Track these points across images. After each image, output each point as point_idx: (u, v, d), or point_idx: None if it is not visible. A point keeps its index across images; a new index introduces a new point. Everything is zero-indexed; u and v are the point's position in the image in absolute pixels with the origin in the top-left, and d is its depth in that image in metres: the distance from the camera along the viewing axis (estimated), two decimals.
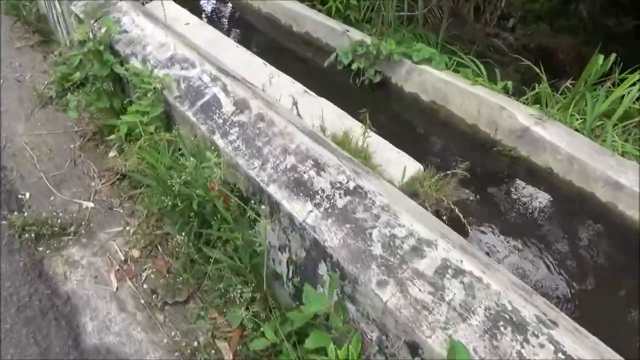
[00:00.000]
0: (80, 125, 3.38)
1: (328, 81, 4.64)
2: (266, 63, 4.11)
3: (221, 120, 2.28)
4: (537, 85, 4.09)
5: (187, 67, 2.60)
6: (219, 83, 2.45)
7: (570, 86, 4.17)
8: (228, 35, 4.61)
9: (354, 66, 4.49)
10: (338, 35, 4.93)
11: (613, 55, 3.88)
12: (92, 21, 3.02)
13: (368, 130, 2.90)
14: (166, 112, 2.60)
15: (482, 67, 4.33)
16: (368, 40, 4.57)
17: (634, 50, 4.86)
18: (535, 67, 4.28)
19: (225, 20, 6.00)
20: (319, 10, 5.60)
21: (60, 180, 3.02)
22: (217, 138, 2.22)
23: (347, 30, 4.83)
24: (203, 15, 6.05)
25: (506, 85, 4.14)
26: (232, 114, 2.30)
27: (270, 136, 2.12)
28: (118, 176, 3.01)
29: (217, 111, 2.34)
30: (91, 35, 2.91)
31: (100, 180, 2.99)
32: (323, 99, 3.68)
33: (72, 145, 3.29)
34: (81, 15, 3.30)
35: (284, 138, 2.09)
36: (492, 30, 6.07)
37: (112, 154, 3.21)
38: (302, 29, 5.33)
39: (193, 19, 4.88)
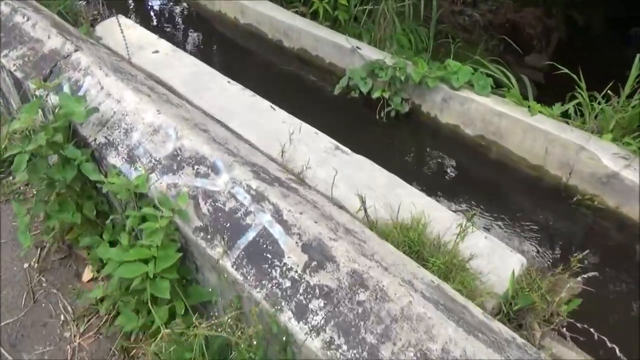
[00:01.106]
0: (36, 229, 2.37)
1: (343, 115, 3.74)
2: (274, 106, 3.17)
3: (287, 282, 1.38)
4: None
5: (207, 174, 1.66)
6: (266, 205, 1.53)
7: (611, 93, 3.38)
8: (210, 64, 3.61)
9: (376, 95, 3.61)
10: (345, 53, 4.02)
11: None
12: (39, 90, 2.00)
13: (467, 222, 2.06)
14: (181, 247, 1.66)
15: (512, 78, 3.54)
16: (387, 59, 3.69)
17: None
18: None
19: (197, 38, 4.92)
20: (303, 14, 4.64)
21: (17, 334, 2.01)
22: (288, 318, 1.33)
23: (358, 48, 3.93)
24: (168, 31, 4.95)
25: (567, 111, 3.39)
26: (303, 269, 1.40)
27: (387, 322, 1.25)
28: (102, 317, 2.03)
29: (276, 262, 1.43)
30: (41, 117, 1.91)
31: (77, 327, 2.01)
32: (363, 159, 2.80)
33: (26, 265, 2.27)
34: (18, 74, 2.26)
35: (414, 328, 1.22)
36: (457, 7, 5.38)
37: (87, 274, 2.23)
38: (296, 44, 4.37)
39: (162, 44, 3.82)
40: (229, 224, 1.55)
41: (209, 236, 1.55)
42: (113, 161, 1.84)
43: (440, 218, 2.40)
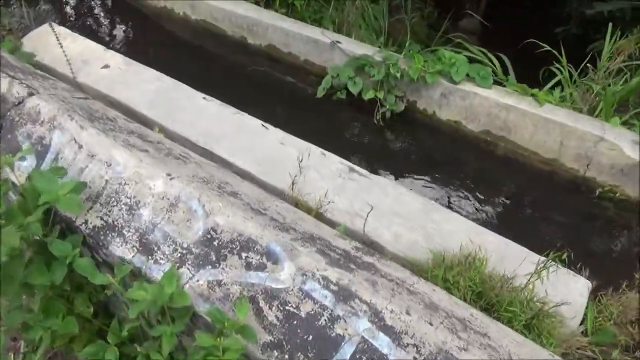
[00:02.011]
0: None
1: (332, 122, 3.36)
2: (266, 124, 2.73)
3: None
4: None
5: (263, 264, 1.25)
6: (358, 305, 1.14)
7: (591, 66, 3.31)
8: (169, 73, 3.07)
9: (368, 96, 3.24)
10: (323, 49, 3.60)
11: None
12: None
13: (548, 261, 1.78)
14: None
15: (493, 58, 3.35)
16: (375, 54, 3.33)
17: None
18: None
19: (144, 43, 4.26)
20: (256, 3, 4.14)
21: None
22: None
23: (338, 42, 3.52)
24: (106, 36, 4.26)
25: (572, 95, 3.21)
26: None
27: None
28: None
29: None
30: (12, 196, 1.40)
31: None
32: (384, 180, 2.46)
33: None
34: None
35: None
36: None
37: None
38: (263, 40, 3.88)
39: (112, 56, 3.22)
40: (311, 337, 1.16)
41: (286, 356, 1.15)
42: (120, 252, 1.37)
43: (492, 246, 2.12)
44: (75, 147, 1.55)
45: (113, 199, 1.44)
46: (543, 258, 2.00)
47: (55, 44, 3.07)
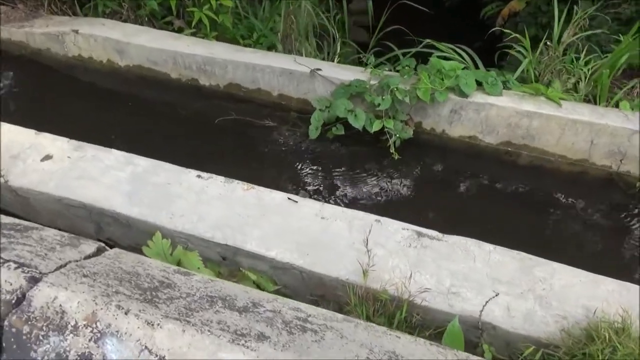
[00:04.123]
0: None
1: (343, 166, 2.87)
2: (292, 196, 2.19)
3: None
4: None
5: None
6: None
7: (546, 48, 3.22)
8: (127, 144, 2.40)
9: (375, 128, 2.81)
10: (300, 79, 3.10)
11: None
12: None
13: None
14: None
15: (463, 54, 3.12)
16: (365, 78, 2.91)
17: None
18: None
19: (67, 106, 3.36)
20: (181, 29, 3.57)
21: None
22: None
23: (318, 69, 3.03)
24: (8, 102, 3.33)
25: (577, 85, 3.04)
26: None
27: None
28: None
29: None
30: None
31: None
32: (463, 240, 2.05)
33: None
34: None
35: None
36: None
37: None
38: (222, 80, 3.27)
39: (51, 141, 2.45)
40: None
41: None
42: None
43: (616, 296, 1.82)
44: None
45: None
46: None
47: None
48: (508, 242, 2.02)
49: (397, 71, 2.99)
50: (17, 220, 1.39)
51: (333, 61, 3.72)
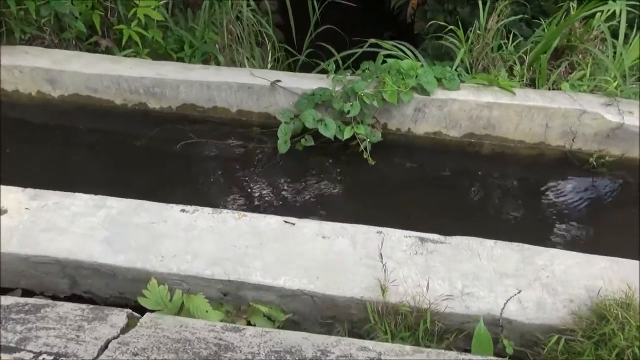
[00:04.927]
0: None
1: (322, 178, 2.81)
2: (288, 219, 2.11)
3: None
4: None
5: None
6: None
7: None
8: (74, 184, 2.20)
9: (347, 135, 2.79)
10: (260, 93, 3.01)
11: None
12: None
13: None
14: None
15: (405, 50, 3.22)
16: (329, 85, 2.88)
17: None
18: None
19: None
20: (108, 48, 3.36)
21: None
22: None
23: (277, 81, 2.95)
24: None
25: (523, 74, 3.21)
26: None
27: None
28: None
29: None
30: None
31: None
32: (465, 239, 2.08)
33: None
34: None
35: None
36: None
37: None
38: (174, 102, 3.08)
39: (5, 193, 2.17)
40: None
41: None
42: None
43: (610, 272, 1.95)
44: None
45: None
46: None
47: None
48: (488, 233, 2.10)
49: (356, 74, 2.99)
50: (19, 300, 1.20)
51: (267, 68, 3.66)
